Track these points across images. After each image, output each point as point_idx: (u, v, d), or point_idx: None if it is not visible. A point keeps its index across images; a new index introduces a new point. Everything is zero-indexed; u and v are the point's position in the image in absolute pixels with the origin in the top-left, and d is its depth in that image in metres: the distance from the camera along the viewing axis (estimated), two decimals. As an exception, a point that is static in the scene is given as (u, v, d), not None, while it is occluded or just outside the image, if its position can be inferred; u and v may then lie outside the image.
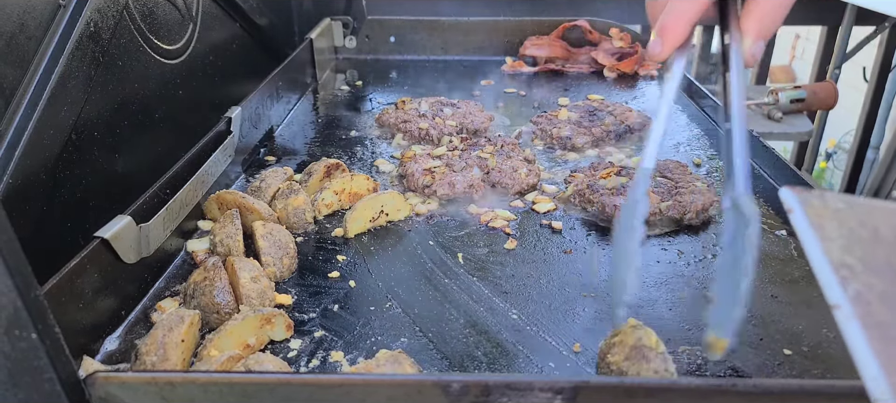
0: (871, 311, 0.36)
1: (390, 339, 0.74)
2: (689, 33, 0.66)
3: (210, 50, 1.31)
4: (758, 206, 0.60)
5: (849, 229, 0.41)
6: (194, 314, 0.70)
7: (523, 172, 1.08)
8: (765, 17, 0.63)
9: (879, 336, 0.35)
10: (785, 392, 0.53)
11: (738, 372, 0.69)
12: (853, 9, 2.53)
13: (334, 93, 1.64)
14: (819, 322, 0.76)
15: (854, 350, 0.36)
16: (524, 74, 1.79)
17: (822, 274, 0.39)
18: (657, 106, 0.65)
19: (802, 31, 5.14)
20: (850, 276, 0.38)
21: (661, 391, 0.53)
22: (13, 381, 0.46)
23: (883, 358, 0.34)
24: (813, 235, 0.40)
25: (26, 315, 0.45)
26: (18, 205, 0.75)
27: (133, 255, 0.77)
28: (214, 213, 0.96)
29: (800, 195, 0.42)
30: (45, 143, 0.80)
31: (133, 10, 1.02)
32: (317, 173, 1.04)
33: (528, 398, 0.52)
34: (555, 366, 0.70)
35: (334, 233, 0.95)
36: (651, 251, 0.91)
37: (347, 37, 1.89)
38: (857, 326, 0.36)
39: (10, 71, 0.76)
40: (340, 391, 0.53)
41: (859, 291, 0.37)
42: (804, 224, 0.41)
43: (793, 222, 0.42)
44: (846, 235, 0.41)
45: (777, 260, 0.89)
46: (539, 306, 0.79)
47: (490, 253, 0.91)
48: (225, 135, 1.06)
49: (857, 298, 0.37)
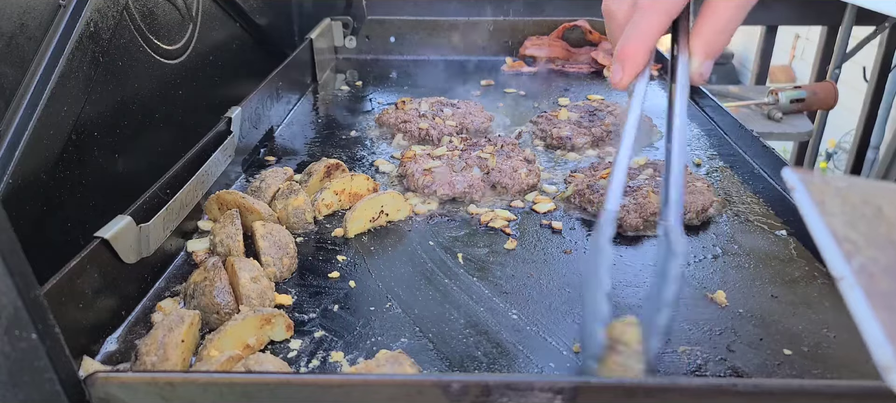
0: (874, 282, 0.37)
1: (390, 339, 0.74)
2: (650, 58, 0.65)
3: (210, 50, 1.31)
4: (686, 241, 0.62)
5: (851, 206, 0.42)
6: (194, 314, 0.70)
7: (523, 172, 1.08)
8: (712, 37, 0.64)
9: (884, 306, 0.36)
10: (785, 392, 0.53)
11: (738, 372, 0.69)
12: (853, 9, 2.53)
13: (334, 93, 1.64)
14: (819, 322, 0.76)
15: (859, 319, 0.36)
16: (524, 74, 1.79)
17: (827, 247, 0.39)
18: (621, 137, 0.65)
19: (802, 31, 5.14)
20: (854, 250, 0.39)
21: (661, 391, 0.53)
22: (13, 381, 0.46)
23: (888, 327, 0.35)
24: (815, 211, 0.41)
25: (26, 315, 0.45)
26: (18, 205, 0.75)
27: (133, 255, 0.77)
28: (214, 213, 0.96)
29: (802, 174, 0.42)
30: (45, 143, 0.80)
31: (133, 10, 1.02)
32: (317, 173, 1.04)
33: (528, 398, 0.52)
34: (555, 366, 0.70)
35: (334, 233, 0.95)
36: (651, 251, 0.91)
37: (347, 37, 1.89)
38: (861, 296, 0.36)
39: (10, 71, 0.76)
40: (340, 391, 0.53)
41: (863, 264, 0.38)
42: (806, 200, 0.41)
43: (795, 201, 0.42)
44: (849, 212, 0.41)
45: (777, 260, 0.89)
46: (539, 306, 0.79)
47: (490, 253, 0.91)
48: (225, 135, 1.06)
49: (861, 270, 0.38)
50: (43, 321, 0.47)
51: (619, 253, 0.91)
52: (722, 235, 0.95)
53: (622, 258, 0.90)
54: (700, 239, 0.94)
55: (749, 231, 0.96)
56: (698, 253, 0.91)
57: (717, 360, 0.71)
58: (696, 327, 0.76)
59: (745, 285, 0.83)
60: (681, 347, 0.72)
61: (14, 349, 0.45)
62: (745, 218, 1.00)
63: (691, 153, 1.24)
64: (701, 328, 0.75)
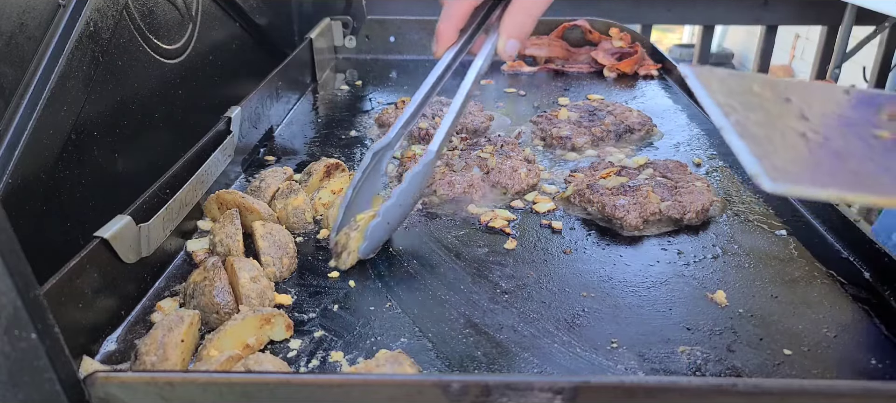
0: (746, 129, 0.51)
1: (390, 339, 0.74)
2: (456, 35, 0.88)
3: (210, 50, 1.31)
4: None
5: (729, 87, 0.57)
6: (194, 314, 0.70)
7: (523, 172, 1.08)
8: (516, 20, 0.85)
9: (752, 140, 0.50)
10: (785, 392, 0.53)
11: (738, 372, 0.69)
12: (853, 9, 2.53)
13: (334, 93, 1.64)
14: (819, 322, 0.76)
15: (736, 151, 0.49)
16: (524, 74, 1.79)
17: (710, 109, 0.53)
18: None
19: (802, 30, 5.15)
20: (731, 111, 0.53)
21: (661, 391, 0.53)
22: (13, 381, 0.46)
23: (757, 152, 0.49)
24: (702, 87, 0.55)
25: (26, 315, 0.45)
26: (18, 205, 0.75)
27: (133, 255, 0.77)
28: (214, 213, 0.96)
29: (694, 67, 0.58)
30: (45, 143, 0.80)
31: (133, 9, 1.02)
32: (316, 173, 1.04)
33: (527, 398, 0.52)
34: (554, 366, 0.70)
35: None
36: (651, 251, 0.91)
37: (347, 37, 1.89)
38: (735, 135, 0.50)
39: (10, 71, 0.76)
40: (340, 391, 0.53)
41: (738, 119, 0.52)
42: (695, 82, 0.56)
43: (690, 87, 0.56)
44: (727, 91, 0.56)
45: (777, 260, 0.89)
46: (539, 306, 0.79)
47: (490, 253, 0.91)
48: (225, 134, 1.06)
49: (737, 123, 0.51)
50: (42, 321, 0.47)
51: (619, 253, 0.91)
52: (722, 235, 0.95)
53: (622, 258, 0.90)
54: (700, 239, 0.94)
55: (749, 231, 0.96)
56: (698, 252, 0.91)
57: (717, 360, 0.71)
58: (696, 327, 0.76)
59: (745, 285, 0.83)
60: (681, 347, 0.72)
61: (14, 349, 0.45)
62: (745, 218, 1.00)
63: (691, 153, 1.24)
64: (701, 328, 0.75)
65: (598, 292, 0.82)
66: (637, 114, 1.34)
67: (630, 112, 1.34)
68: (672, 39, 6.56)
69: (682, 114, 1.45)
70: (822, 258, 0.89)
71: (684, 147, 1.28)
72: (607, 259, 0.90)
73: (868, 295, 0.81)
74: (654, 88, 1.66)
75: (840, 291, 0.82)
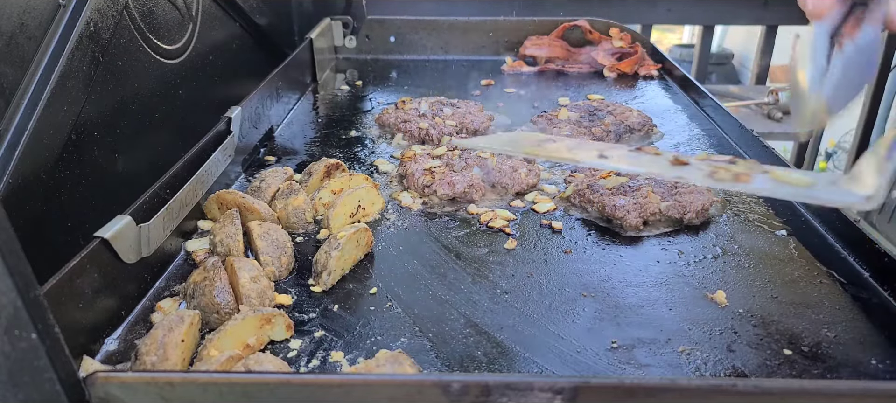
0: None
1: (390, 339, 0.74)
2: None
3: (210, 50, 1.31)
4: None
5: None
6: (194, 314, 0.70)
7: (523, 172, 1.08)
8: None
9: None
10: (785, 392, 0.53)
11: (738, 372, 0.69)
12: (853, 9, 2.52)
13: (334, 93, 1.64)
14: (819, 322, 0.76)
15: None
16: (524, 74, 1.79)
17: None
18: None
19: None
20: None
21: (661, 391, 0.53)
22: (13, 381, 0.46)
23: None
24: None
25: (26, 315, 0.45)
26: (18, 205, 0.75)
27: (133, 255, 0.77)
28: (214, 213, 0.96)
29: None
30: (45, 143, 0.80)
31: (133, 10, 1.02)
32: (317, 173, 1.04)
33: (528, 398, 0.52)
34: (555, 366, 0.70)
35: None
36: (651, 251, 0.91)
37: (347, 37, 1.89)
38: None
39: (10, 71, 0.76)
40: (340, 391, 0.53)
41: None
42: None
43: None
44: None
45: (777, 260, 0.89)
46: (539, 306, 0.79)
47: (490, 253, 0.91)
48: (225, 134, 1.06)
49: None
50: (43, 321, 0.47)
51: (619, 253, 0.91)
52: (722, 235, 0.95)
53: (622, 258, 0.90)
54: (700, 239, 0.94)
55: (749, 231, 0.96)
56: (698, 252, 0.91)
57: (717, 360, 0.71)
58: (696, 327, 0.76)
59: (745, 285, 0.83)
60: (681, 347, 0.72)
61: (14, 349, 0.46)
62: (745, 218, 1.00)
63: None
64: (701, 328, 0.75)
65: (598, 292, 0.82)
66: (637, 114, 1.34)
67: (630, 112, 1.34)
68: (672, 39, 6.55)
69: (682, 114, 1.45)
70: (822, 258, 0.89)
71: (684, 147, 1.28)
72: (607, 259, 0.90)
73: (868, 294, 0.81)
74: (654, 88, 1.66)
75: (840, 291, 0.82)
